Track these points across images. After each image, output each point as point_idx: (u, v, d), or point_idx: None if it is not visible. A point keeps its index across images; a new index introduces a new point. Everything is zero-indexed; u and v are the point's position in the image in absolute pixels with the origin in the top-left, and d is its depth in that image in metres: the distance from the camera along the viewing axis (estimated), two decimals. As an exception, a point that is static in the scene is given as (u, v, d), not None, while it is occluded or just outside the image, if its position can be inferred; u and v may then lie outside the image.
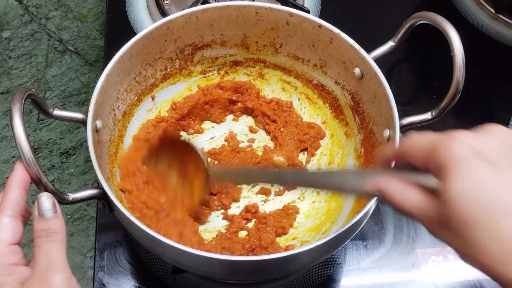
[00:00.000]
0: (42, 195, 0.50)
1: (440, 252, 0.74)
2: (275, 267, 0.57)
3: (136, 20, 0.92)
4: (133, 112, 0.74)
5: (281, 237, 0.70)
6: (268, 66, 0.80)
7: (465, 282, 0.72)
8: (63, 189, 1.28)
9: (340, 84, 0.75)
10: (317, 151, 0.77)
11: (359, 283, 0.72)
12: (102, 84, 0.65)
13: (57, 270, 0.47)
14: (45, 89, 1.43)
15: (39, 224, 0.49)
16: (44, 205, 0.49)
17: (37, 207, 0.49)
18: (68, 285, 0.47)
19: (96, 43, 1.49)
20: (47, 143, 1.37)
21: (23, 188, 0.51)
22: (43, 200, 0.49)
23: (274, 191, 0.74)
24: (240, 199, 0.73)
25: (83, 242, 1.26)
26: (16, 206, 0.50)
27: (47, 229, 0.48)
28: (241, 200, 0.73)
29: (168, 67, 0.76)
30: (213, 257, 0.54)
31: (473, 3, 0.96)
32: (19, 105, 0.52)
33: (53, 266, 0.47)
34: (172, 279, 0.71)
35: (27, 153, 0.51)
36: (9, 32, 1.50)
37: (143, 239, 0.58)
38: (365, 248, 0.74)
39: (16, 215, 0.50)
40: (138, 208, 0.64)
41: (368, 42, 0.72)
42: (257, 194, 0.74)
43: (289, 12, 0.72)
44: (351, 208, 0.69)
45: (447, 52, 0.64)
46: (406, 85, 0.89)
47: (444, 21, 0.65)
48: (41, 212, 0.49)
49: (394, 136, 0.62)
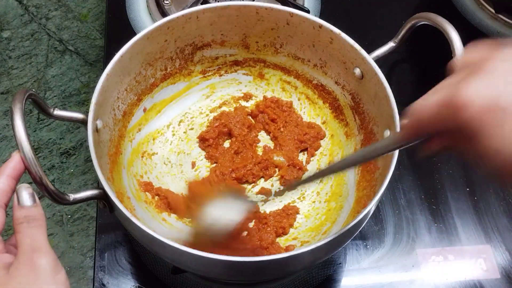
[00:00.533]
0: (21, 186, 0.51)
1: (440, 252, 0.74)
2: (276, 268, 0.57)
3: (136, 20, 0.92)
4: (133, 112, 0.74)
5: (281, 237, 0.70)
6: (268, 66, 0.80)
7: (465, 282, 0.72)
8: (63, 189, 1.28)
9: (340, 84, 0.75)
10: (317, 151, 0.77)
11: (359, 283, 0.72)
12: (103, 84, 0.65)
13: (43, 252, 0.48)
14: (45, 89, 1.43)
15: (19, 212, 0.49)
16: (24, 195, 0.50)
17: (17, 197, 0.50)
18: (54, 266, 0.48)
19: (96, 43, 1.49)
20: (47, 143, 1.37)
21: (13, 178, 0.51)
22: (23, 190, 0.50)
23: (274, 191, 0.74)
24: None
25: (83, 242, 1.27)
26: (2, 196, 0.51)
27: (28, 215, 0.49)
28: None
29: (168, 67, 0.76)
30: (213, 257, 0.54)
31: (473, 3, 0.96)
32: (20, 105, 0.52)
33: (38, 248, 0.48)
34: (172, 279, 0.71)
35: (28, 153, 0.51)
36: (9, 32, 1.50)
37: (143, 239, 0.58)
38: (365, 248, 0.74)
39: (1, 205, 0.50)
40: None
41: (369, 42, 0.72)
42: (257, 194, 0.74)
43: (289, 12, 0.72)
44: (351, 208, 0.69)
45: (448, 52, 0.64)
46: (406, 85, 0.89)
47: (445, 22, 0.65)
48: (21, 201, 0.50)
49: (394, 136, 0.62)
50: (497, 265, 0.73)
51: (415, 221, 0.76)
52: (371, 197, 0.60)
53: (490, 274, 0.72)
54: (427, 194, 0.79)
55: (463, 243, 0.75)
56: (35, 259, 0.47)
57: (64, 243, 1.26)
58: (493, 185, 0.79)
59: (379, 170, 0.66)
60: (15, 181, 0.52)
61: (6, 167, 0.51)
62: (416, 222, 0.76)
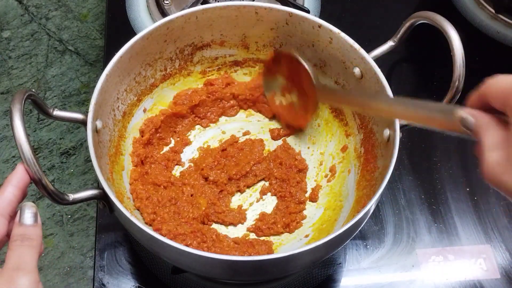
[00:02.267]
0: (25, 204, 0.51)
1: (440, 252, 0.74)
2: (275, 267, 0.57)
3: (136, 20, 0.92)
4: (133, 112, 0.74)
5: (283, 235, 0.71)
6: (268, 66, 0.80)
7: (465, 282, 0.72)
8: (63, 189, 1.28)
9: (340, 84, 0.75)
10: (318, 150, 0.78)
11: (359, 283, 0.72)
12: (102, 84, 0.65)
13: (25, 272, 0.47)
14: (45, 89, 1.43)
15: (17, 229, 0.50)
16: (26, 214, 0.50)
17: (19, 215, 0.50)
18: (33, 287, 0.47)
19: (96, 43, 1.49)
20: (47, 143, 1.37)
21: (19, 188, 0.51)
22: (26, 209, 0.50)
23: (273, 189, 0.74)
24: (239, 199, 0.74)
25: (83, 242, 1.27)
26: (7, 206, 0.50)
27: (23, 234, 0.49)
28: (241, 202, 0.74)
29: (168, 67, 0.76)
30: (213, 257, 0.54)
31: (473, 3, 0.96)
32: (19, 106, 0.52)
33: (22, 267, 0.47)
34: (172, 279, 0.71)
35: (27, 154, 0.51)
36: (9, 32, 1.50)
37: (143, 239, 0.58)
38: (365, 248, 0.74)
39: (5, 215, 0.50)
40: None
41: (368, 42, 0.72)
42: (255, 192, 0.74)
43: (289, 12, 0.72)
44: (351, 208, 0.69)
45: (447, 52, 0.64)
46: (406, 85, 0.89)
47: (444, 20, 0.65)
48: (22, 219, 0.50)
49: (394, 135, 0.62)
50: (497, 265, 0.73)
51: (415, 221, 0.76)
52: (371, 197, 0.60)
53: (490, 274, 0.72)
54: (427, 194, 0.79)
55: (463, 243, 0.75)
56: (15, 278, 0.46)
57: (64, 243, 1.26)
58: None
59: (378, 169, 0.66)
60: (21, 191, 0.51)
61: (11, 178, 0.51)
62: (416, 222, 0.76)
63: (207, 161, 0.74)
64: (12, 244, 0.49)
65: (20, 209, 0.50)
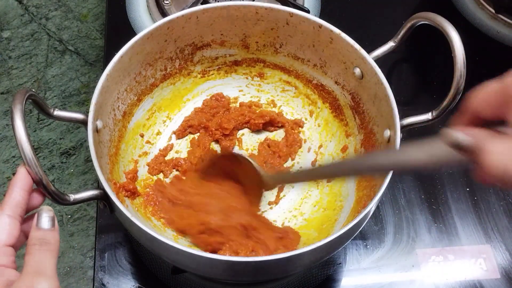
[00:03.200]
0: (43, 207, 0.50)
1: (440, 252, 0.74)
2: (276, 268, 0.57)
3: (136, 20, 0.92)
4: (133, 112, 0.74)
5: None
6: (268, 66, 0.80)
7: (465, 282, 0.72)
8: (63, 189, 1.29)
9: (340, 84, 0.75)
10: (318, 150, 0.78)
11: (359, 283, 0.72)
12: (103, 84, 0.65)
13: (46, 277, 0.47)
14: (45, 89, 1.43)
15: (35, 233, 0.49)
16: (44, 218, 0.50)
17: (36, 218, 0.50)
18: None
19: (96, 43, 1.49)
20: (47, 143, 1.38)
21: (25, 190, 0.51)
22: (43, 213, 0.50)
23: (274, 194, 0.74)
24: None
25: (83, 242, 1.27)
26: (17, 208, 0.50)
27: (42, 238, 0.49)
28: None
29: (168, 67, 0.76)
30: (213, 257, 0.54)
31: (473, 3, 0.96)
32: (20, 106, 0.52)
33: (42, 272, 0.47)
34: (172, 279, 0.71)
35: (28, 154, 0.51)
36: (9, 32, 1.50)
37: (143, 239, 0.58)
38: (365, 248, 0.75)
39: (16, 216, 0.50)
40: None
41: (369, 42, 0.72)
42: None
43: (289, 12, 0.72)
44: (351, 208, 0.69)
45: (447, 52, 0.64)
46: (406, 85, 0.89)
47: (445, 21, 0.65)
48: (39, 223, 0.49)
49: (394, 136, 0.62)
50: (497, 265, 0.73)
51: (415, 221, 0.76)
52: (371, 197, 0.60)
53: (490, 274, 0.72)
54: (427, 194, 0.79)
55: (463, 243, 0.75)
56: (36, 283, 0.46)
57: (64, 243, 1.26)
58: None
59: (379, 170, 0.66)
60: (27, 192, 0.51)
61: (15, 180, 0.51)
62: (416, 222, 0.76)
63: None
64: (31, 248, 0.48)
65: (38, 213, 0.50)
